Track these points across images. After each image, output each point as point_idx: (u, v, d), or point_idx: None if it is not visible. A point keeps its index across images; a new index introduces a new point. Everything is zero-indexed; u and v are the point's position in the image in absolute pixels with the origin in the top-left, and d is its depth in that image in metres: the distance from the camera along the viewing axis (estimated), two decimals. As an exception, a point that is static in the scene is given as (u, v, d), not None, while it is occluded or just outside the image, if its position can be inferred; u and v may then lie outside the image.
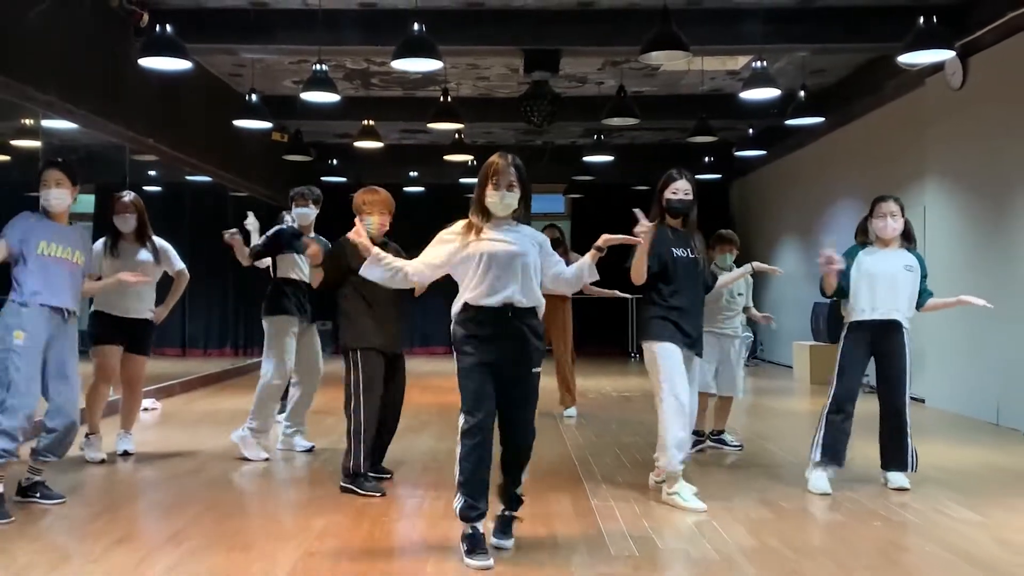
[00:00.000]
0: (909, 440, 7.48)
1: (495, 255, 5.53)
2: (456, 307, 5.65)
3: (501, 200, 5.61)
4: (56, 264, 6.68)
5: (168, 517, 6.49)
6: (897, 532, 6.24)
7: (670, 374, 6.81)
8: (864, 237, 7.64)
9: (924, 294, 7.48)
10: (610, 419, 10.91)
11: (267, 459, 8.43)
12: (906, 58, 9.63)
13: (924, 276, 7.48)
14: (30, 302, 6.55)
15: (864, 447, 8.07)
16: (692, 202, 7.13)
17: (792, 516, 6.55)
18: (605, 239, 5.73)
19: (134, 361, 8.62)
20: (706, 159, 18.39)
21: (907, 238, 7.53)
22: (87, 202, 13.29)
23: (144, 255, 8.53)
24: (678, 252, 6.97)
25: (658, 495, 7.01)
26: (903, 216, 7.43)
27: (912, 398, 12.40)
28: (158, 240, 8.72)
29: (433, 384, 14.39)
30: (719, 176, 19.77)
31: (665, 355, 6.85)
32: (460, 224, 5.75)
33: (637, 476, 7.78)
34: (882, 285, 7.36)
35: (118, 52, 10.85)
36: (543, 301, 5.71)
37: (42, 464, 6.79)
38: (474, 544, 5.46)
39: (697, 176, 15.75)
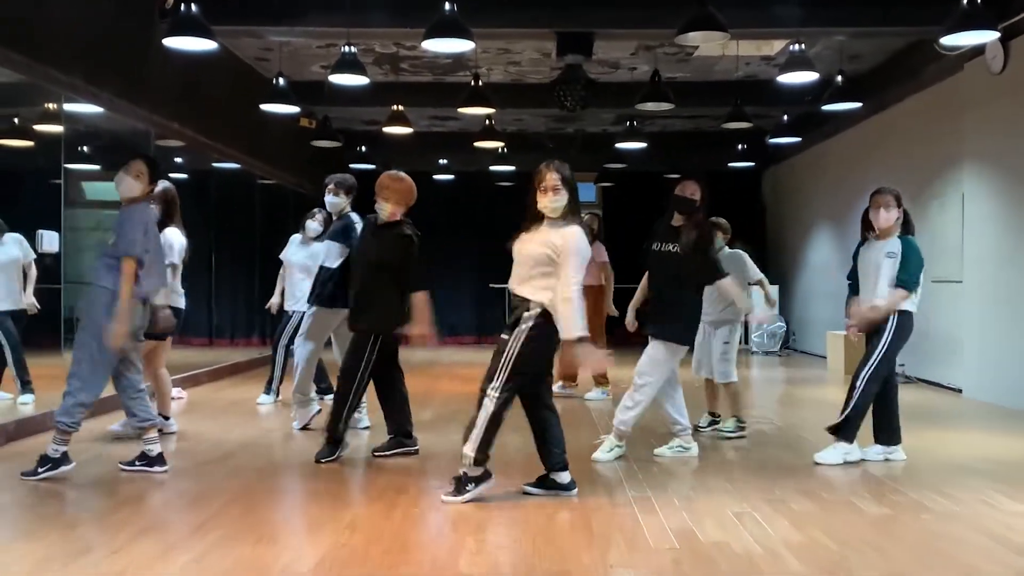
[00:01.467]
0: (849, 409, 7.65)
1: (516, 255, 6.43)
2: None
3: (550, 203, 6.31)
4: None
5: (193, 507, 6.33)
6: (945, 524, 5.99)
7: None
8: (866, 226, 7.87)
9: (897, 281, 7.57)
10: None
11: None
12: (949, 40, 9.35)
13: (904, 263, 7.56)
14: None
15: (907, 438, 7.89)
16: (693, 203, 7.75)
17: (836, 508, 6.32)
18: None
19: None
20: (740, 147, 18.12)
21: (906, 229, 7.77)
22: (111, 188, 13.08)
23: None
24: (654, 246, 7.85)
25: (694, 486, 6.88)
26: (898, 207, 7.65)
27: (949, 388, 12.33)
28: (167, 232, 8.58)
29: (462, 373, 14.24)
30: (752, 164, 19.50)
31: None
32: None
33: (675, 466, 7.61)
34: (870, 276, 7.72)
35: (143, 35, 10.70)
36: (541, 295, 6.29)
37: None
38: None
39: (730, 164, 15.78)
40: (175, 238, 8.68)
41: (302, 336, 9.17)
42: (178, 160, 14.35)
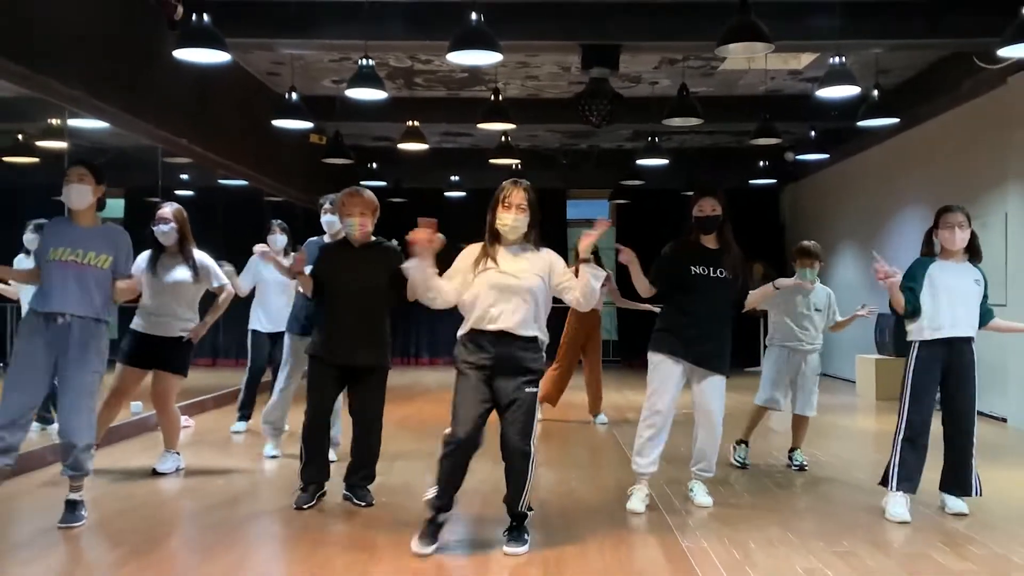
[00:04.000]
0: (975, 463, 7.03)
1: (493, 282, 5.89)
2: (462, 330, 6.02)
3: (512, 221, 5.94)
4: (59, 268, 6.39)
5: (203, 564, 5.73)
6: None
7: (653, 384, 7.15)
8: (929, 249, 7.23)
9: (988, 313, 7.18)
10: (678, 441, 10.05)
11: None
12: (1007, 51, 8.77)
13: (986, 294, 7.16)
14: (29, 309, 6.48)
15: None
16: (717, 218, 7.14)
17: (915, 563, 5.72)
18: (582, 247, 6.01)
19: (160, 378, 8.18)
20: (761, 163, 17.60)
21: (972, 252, 7.16)
22: (116, 207, 12.71)
23: (180, 273, 8.11)
24: (697, 270, 7.08)
25: (753, 532, 6.29)
26: (970, 227, 7.08)
27: (992, 416, 11.76)
28: (199, 255, 8.25)
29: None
30: (774, 181, 18.97)
31: (653, 366, 7.16)
32: (477, 248, 6.11)
33: (726, 510, 7.04)
34: (960, 300, 7.01)
35: (151, 47, 10.12)
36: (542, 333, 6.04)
37: (72, 480, 6.43)
38: (424, 530, 5.85)
39: (750, 181, 15.21)
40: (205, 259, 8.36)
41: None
42: (184, 177, 13.85)
